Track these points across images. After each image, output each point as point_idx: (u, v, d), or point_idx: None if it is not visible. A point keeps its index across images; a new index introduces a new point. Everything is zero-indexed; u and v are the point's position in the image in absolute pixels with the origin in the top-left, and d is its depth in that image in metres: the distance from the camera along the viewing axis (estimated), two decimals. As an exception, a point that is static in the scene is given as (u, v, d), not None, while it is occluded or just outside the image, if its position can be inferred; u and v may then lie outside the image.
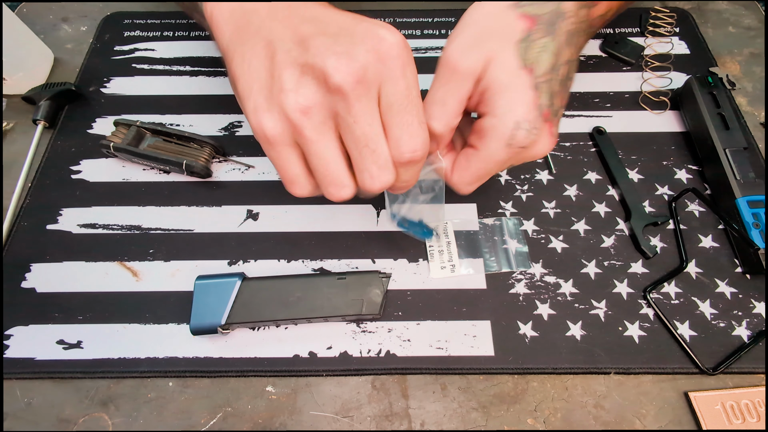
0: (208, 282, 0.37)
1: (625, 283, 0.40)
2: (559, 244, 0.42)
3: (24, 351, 0.37)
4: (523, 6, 0.28)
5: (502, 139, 0.27)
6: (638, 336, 0.37)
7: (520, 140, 0.27)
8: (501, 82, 0.26)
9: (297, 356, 0.37)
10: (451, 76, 0.27)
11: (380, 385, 0.36)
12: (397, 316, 0.38)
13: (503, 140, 0.27)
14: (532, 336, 0.37)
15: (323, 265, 0.41)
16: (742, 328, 0.38)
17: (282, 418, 0.35)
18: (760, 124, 0.48)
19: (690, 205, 0.43)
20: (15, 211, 0.43)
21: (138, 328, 0.38)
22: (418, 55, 0.53)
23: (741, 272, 0.40)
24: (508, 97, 0.26)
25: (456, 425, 0.35)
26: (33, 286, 0.40)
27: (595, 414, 0.35)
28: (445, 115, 0.28)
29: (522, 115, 0.26)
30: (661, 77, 0.51)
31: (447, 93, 0.27)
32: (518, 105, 0.26)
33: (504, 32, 0.27)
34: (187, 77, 0.52)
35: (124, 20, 0.57)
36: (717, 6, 0.58)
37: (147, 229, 0.43)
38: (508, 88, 0.26)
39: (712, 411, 0.34)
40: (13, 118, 0.49)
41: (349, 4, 0.58)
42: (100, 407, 0.35)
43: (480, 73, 0.27)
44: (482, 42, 0.27)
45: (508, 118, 0.26)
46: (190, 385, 0.36)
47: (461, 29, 0.28)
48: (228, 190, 0.45)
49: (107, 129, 0.47)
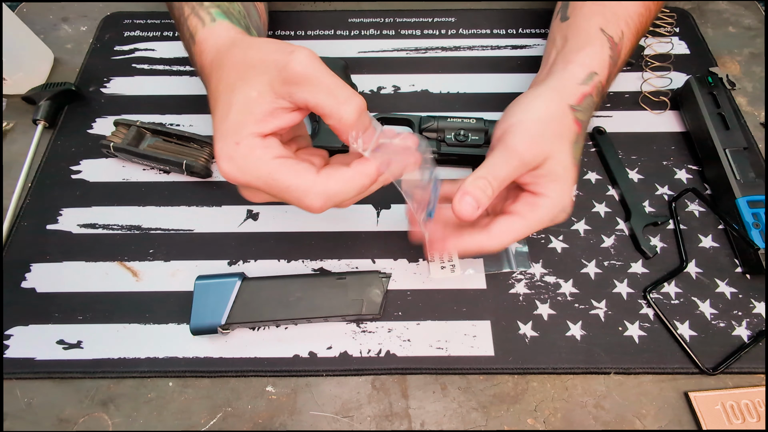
0: (208, 282, 0.37)
1: (625, 283, 0.40)
2: (559, 244, 0.42)
3: (24, 351, 0.37)
4: (576, 112, 0.34)
5: (549, 215, 0.33)
6: (638, 336, 0.37)
7: (560, 219, 0.33)
8: (558, 174, 0.32)
9: (297, 356, 0.37)
10: (514, 162, 0.32)
11: (380, 385, 0.36)
12: (397, 316, 0.38)
13: (550, 216, 0.33)
14: (532, 336, 0.37)
15: (323, 265, 0.41)
16: (742, 328, 0.38)
17: (282, 418, 0.35)
18: (760, 124, 0.48)
19: (690, 205, 0.43)
20: (15, 211, 0.43)
21: (138, 328, 0.38)
22: (418, 55, 0.54)
23: (741, 272, 0.40)
24: (560, 187, 0.33)
25: (456, 425, 0.35)
26: (33, 286, 0.40)
27: (595, 414, 0.35)
28: (496, 187, 0.32)
29: (567, 202, 0.33)
30: (661, 77, 0.51)
31: (505, 172, 0.32)
32: (567, 194, 0.33)
33: (564, 134, 0.33)
34: (187, 77, 0.52)
35: (124, 20, 0.57)
36: (717, 6, 0.58)
37: (147, 229, 0.43)
38: (562, 179, 0.32)
39: (712, 411, 0.34)
40: (13, 118, 0.49)
41: (349, 4, 0.58)
42: (100, 407, 0.35)
43: (538, 163, 0.32)
44: (546, 140, 0.32)
45: (558, 202, 0.33)
46: (190, 385, 0.36)
47: (527, 123, 0.33)
48: (228, 190, 0.45)
49: (107, 129, 0.47)
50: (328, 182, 0.27)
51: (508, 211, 0.33)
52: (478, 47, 0.54)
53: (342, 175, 0.27)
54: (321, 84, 0.25)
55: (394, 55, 0.54)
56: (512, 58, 0.53)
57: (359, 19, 0.56)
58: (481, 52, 0.54)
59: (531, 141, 0.32)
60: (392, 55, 0.54)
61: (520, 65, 0.53)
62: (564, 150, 0.33)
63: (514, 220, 0.33)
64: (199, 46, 0.31)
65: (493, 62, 0.53)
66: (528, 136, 0.32)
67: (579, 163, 0.34)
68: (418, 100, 0.50)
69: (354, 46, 0.54)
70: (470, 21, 0.56)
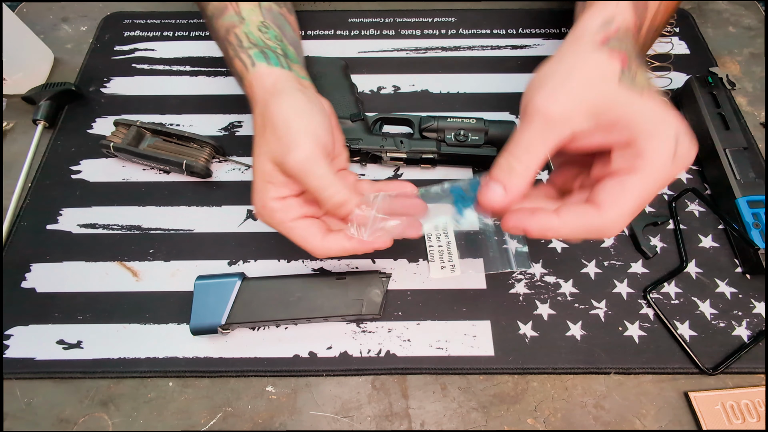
0: (208, 282, 0.37)
1: (625, 283, 0.40)
2: (559, 244, 0.42)
3: (24, 351, 0.37)
4: (610, 43, 0.27)
5: (666, 152, 0.24)
6: (638, 336, 0.37)
7: (686, 150, 0.25)
8: (632, 111, 0.25)
9: (297, 356, 0.37)
10: (536, 121, 0.26)
11: (380, 385, 0.36)
12: (397, 316, 0.38)
13: (667, 154, 0.24)
14: (532, 336, 0.37)
15: (323, 265, 0.41)
16: (742, 328, 0.38)
17: (282, 418, 0.35)
18: (760, 124, 0.48)
19: (690, 205, 0.43)
20: (15, 211, 0.43)
21: (138, 328, 0.38)
22: (418, 55, 0.54)
23: (741, 272, 0.40)
24: (649, 116, 0.25)
25: (456, 425, 0.35)
26: (33, 286, 0.40)
27: (595, 414, 0.35)
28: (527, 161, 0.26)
29: (677, 125, 0.25)
30: (661, 77, 0.51)
31: (529, 137, 0.26)
32: (668, 117, 0.25)
33: (603, 73, 0.26)
34: (187, 77, 0.52)
35: (124, 20, 0.57)
36: (717, 6, 0.58)
37: (147, 229, 0.43)
38: (643, 110, 0.25)
39: (712, 411, 0.34)
40: (13, 118, 0.49)
41: (349, 4, 0.58)
42: (100, 407, 0.35)
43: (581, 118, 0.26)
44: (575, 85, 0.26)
45: (667, 129, 0.25)
46: (190, 385, 0.36)
47: (540, 78, 0.27)
48: (228, 190, 0.45)
49: (107, 129, 0.47)
50: (330, 248, 0.32)
51: (607, 175, 0.26)
52: (478, 47, 0.54)
53: (342, 244, 0.32)
54: (312, 183, 0.30)
55: (394, 55, 0.54)
56: (512, 58, 0.53)
57: (359, 19, 0.56)
58: (481, 52, 0.54)
59: (551, 91, 0.26)
60: (392, 55, 0.54)
61: (520, 65, 0.53)
62: (611, 88, 0.26)
63: (623, 180, 0.25)
64: (248, 88, 0.35)
65: (493, 62, 0.53)
66: (546, 89, 0.26)
67: (653, 88, 0.26)
68: (418, 100, 0.50)
69: (354, 46, 0.54)
70: (470, 21, 0.56)
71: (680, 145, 0.25)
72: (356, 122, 0.44)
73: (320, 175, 0.30)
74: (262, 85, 0.33)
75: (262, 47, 0.36)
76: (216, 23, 0.39)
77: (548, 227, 0.26)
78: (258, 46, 0.36)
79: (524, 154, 0.26)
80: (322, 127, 0.32)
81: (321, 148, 0.31)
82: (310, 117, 0.32)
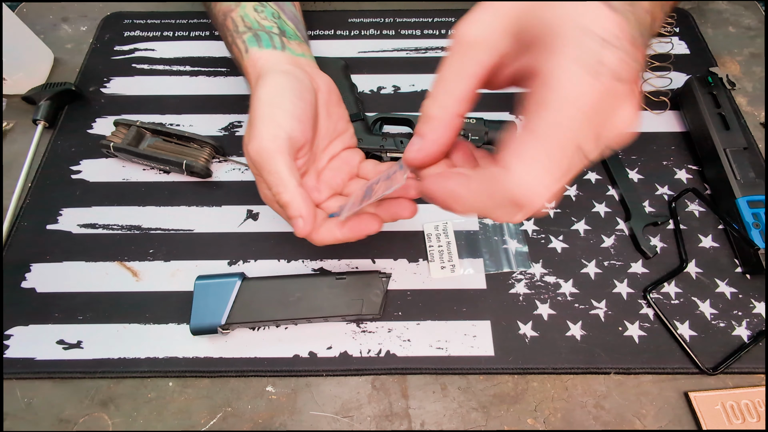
0: (208, 282, 0.37)
1: (625, 283, 0.40)
2: (559, 244, 0.42)
3: (24, 351, 0.37)
4: None
5: (575, 71, 0.17)
6: (638, 336, 0.37)
7: (610, 59, 0.17)
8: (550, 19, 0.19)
9: (297, 356, 0.37)
10: (456, 46, 0.21)
11: (380, 385, 0.36)
12: (397, 316, 0.38)
13: (577, 73, 0.17)
14: (532, 336, 0.37)
15: (323, 265, 0.41)
16: (742, 328, 0.38)
17: (282, 418, 0.35)
18: (760, 124, 0.48)
19: (690, 205, 0.43)
20: (15, 211, 0.43)
21: (138, 328, 0.38)
22: (418, 55, 0.54)
23: (741, 272, 0.40)
24: (559, 23, 0.18)
25: (456, 425, 0.35)
26: (33, 286, 0.40)
27: (595, 414, 0.35)
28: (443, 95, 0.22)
29: (596, 22, 0.17)
30: (661, 77, 0.51)
31: (447, 65, 0.22)
32: (587, 9, 0.18)
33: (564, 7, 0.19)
34: (187, 77, 0.52)
35: (124, 20, 0.57)
36: (717, 6, 0.58)
37: (147, 229, 0.43)
38: (561, 15, 0.18)
39: (712, 411, 0.34)
40: (13, 118, 0.49)
41: (349, 4, 0.58)
42: (100, 407, 0.35)
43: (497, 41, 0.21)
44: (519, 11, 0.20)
45: (576, 35, 0.18)
46: (190, 385, 0.36)
47: None
48: (228, 190, 0.45)
49: (107, 129, 0.47)
50: (324, 237, 0.32)
51: None
52: (478, 47, 0.54)
53: (334, 234, 0.32)
54: (265, 177, 0.30)
55: (394, 55, 0.54)
56: (512, 58, 0.53)
57: (359, 19, 0.56)
58: (481, 52, 0.54)
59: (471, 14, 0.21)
60: (392, 55, 0.54)
61: (520, 65, 0.52)
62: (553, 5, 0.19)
63: (528, 124, 0.19)
64: (245, 74, 0.36)
65: (493, 62, 0.53)
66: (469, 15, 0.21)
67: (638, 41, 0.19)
68: (418, 100, 0.50)
69: (354, 46, 0.54)
70: (470, 21, 0.56)
71: (605, 48, 0.17)
72: (356, 122, 0.44)
73: (271, 171, 0.29)
74: (255, 71, 0.34)
75: (256, 30, 0.35)
76: (215, 9, 0.39)
77: (452, 193, 0.21)
78: (252, 29, 0.36)
79: (442, 95, 0.22)
80: (290, 115, 0.30)
81: (281, 140, 0.29)
82: (279, 105, 0.30)
